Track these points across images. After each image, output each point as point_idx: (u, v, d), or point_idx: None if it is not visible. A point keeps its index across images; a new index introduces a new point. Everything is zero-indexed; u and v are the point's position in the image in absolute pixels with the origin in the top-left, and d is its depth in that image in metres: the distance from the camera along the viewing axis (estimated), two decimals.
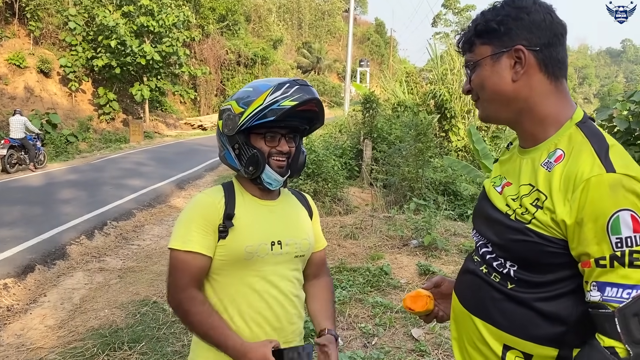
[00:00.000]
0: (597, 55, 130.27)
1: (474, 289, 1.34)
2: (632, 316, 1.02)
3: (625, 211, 1.05)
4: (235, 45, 32.92)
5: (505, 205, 1.27)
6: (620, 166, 1.10)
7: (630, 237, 1.04)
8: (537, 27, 1.22)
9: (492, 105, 1.31)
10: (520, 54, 1.22)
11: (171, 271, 1.60)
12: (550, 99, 1.25)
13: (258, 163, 1.60)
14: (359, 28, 59.47)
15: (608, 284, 1.06)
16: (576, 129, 1.22)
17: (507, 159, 1.41)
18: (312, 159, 9.91)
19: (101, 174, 12.99)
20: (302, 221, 1.79)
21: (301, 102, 1.55)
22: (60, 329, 4.42)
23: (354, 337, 4.08)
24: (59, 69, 21.83)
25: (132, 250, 7.00)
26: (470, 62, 1.32)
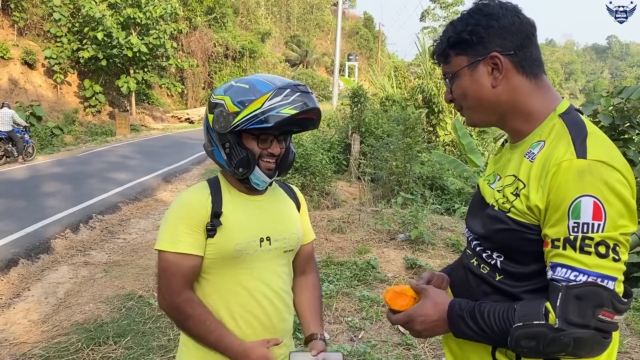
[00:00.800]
0: (583, 51, 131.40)
1: (465, 282, 1.37)
2: (573, 297, 1.06)
3: (588, 197, 1.08)
4: (223, 38, 32.68)
5: (492, 197, 1.30)
6: (595, 153, 1.12)
7: (587, 223, 1.07)
8: (508, 32, 1.24)
9: (476, 112, 1.34)
10: (496, 60, 1.25)
11: (162, 274, 1.54)
12: (533, 97, 1.28)
13: (249, 165, 1.55)
14: (347, 22, 59.35)
15: (559, 264, 1.11)
16: (559, 120, 1.24)
17: (500, 156, 1.44)
18: (300, 153, 9.89)
19: (87, 167, 12.86)
20: (291, 215, 1.77)
21: (302, 112, 1.50)
22: (44, 324, 4.37)
23: (340, 331, 4.09)
24: (44, 61, 21.55)
25: (118, 244, 6.94)
26: (448, 74, 1.34)
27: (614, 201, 1.08)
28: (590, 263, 1.07)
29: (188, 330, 1.55)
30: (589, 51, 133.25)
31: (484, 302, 1.22)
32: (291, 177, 9.49)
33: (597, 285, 1.06)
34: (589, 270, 1.07)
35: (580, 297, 1.05)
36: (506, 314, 1.15)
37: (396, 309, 1.38)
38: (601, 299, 1.05)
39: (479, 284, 1.31)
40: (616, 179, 1.10)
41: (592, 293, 1.06)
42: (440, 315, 1.27)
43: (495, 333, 1.16)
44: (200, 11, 31.01)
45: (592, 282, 1.06)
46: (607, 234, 1.07)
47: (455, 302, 1.27)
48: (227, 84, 1.62)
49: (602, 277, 1.06)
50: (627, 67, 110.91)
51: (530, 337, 1.10)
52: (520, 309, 1.13)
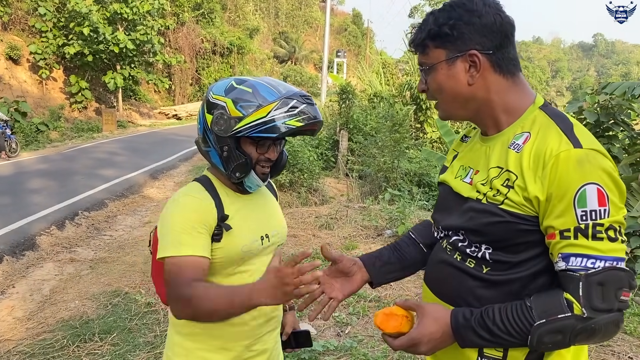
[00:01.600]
0: (569, 49, 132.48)
1: (448, 278, 1.35)
2: (596, 284, 1.08)
3: (591, 185, 1.10)
4: (211, 34, 32.50)
5: (476, 191, 1.28)
6: (586, 142, 1.15)
7: (595, 210, 1.10)
8: (489, 31, 1.24)
9: (450, 106, 1.34)
10: (475, 58, 1.25)
11: (173, 282, 1.44)
12: (509, 94, 1.29)
13: (246, 170, 1.54)
14: (336, 18, 59.31)
15: (572, 254, 1.11)
16: (540, 112, 1.26)
17: (468, 150, 1.43)
18: (288, 150, 9.87)
19: (73, 164, 12.74)
20: (277, 209, 1.81)
21: (307, 124, 1.49)
22: (29, 321, 4.34)
23: (327, 327, 4.10)
24: (29, 56, 21.31)
25: (104, 241, 6.90)
26: (425, 65, 1.33)
27: (612, 186, 1.12)
28: (604, 248, 1.09)
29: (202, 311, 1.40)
30: (576, 49, 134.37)
31: (489, 306, 1.20)
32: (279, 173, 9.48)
33: (615, 268, 1.09)
34: (605, 256, 1.09)
35: (603, 283, 1.08)
36: (522, 314, 1.14)
37: (390, 331, 1.30)
38: (621, 281, 1.09)
39: (463, 279, 1.30)
40: (609, 165, 1.14)
41: (613, 277, 1.08)
42: (444, 331, 1.23)
43: (513, 336, 1.15)
44: (187, 7, 30.80)
45: (611, 267, 1.09)
46: (613, 218, 1.10)
47: (458, 313, 1.24)
48: (225, 83, 1.58)
49: (616, 260, 1.09)
50: (613, 64, 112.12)
51: (556, 331, 1.10)
52: (537, 305, 1.13)
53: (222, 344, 1.60)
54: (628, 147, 7.84)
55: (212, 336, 1.59)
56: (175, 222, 1.49)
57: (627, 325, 3.96)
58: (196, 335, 1.60)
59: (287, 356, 3.45)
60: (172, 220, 1.50)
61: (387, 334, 1.31)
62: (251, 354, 1.65)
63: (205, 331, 1.59)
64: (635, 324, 3.99)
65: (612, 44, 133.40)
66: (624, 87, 6.92)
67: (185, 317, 1.48)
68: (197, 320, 1.52)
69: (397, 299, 4.59)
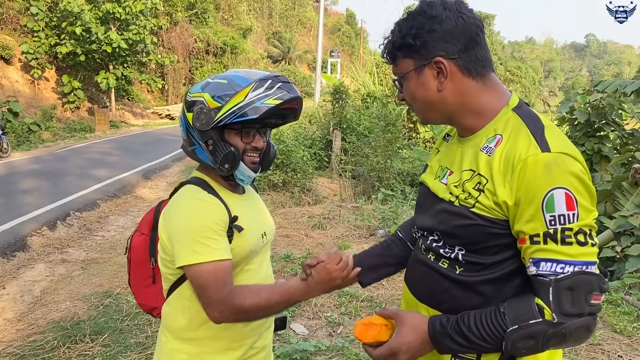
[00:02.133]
0: (562, 49, 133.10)
1: (423, 277, 1.36)
2: (565, 289, 1.09)
3: (559, 189, 1.10)
4: (204, 34, 32.42)
5: (449, 193, 1.29)
6: (556, 145, 1.14)
7: (564, 214, 1.10)
8: (451, 35, 1.24)
9: (426, 112, 1.35)
10: (441, 65, 1.25)
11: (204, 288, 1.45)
12: (482, 96, 1.28)
13: (234, 160, 1.53)
14: (329, 19, 59.29)
15: (542, 259, 1.11)
16: (513, 114, 1.26)
17: (447, 151, 1.43)
18: (281, 150, 9.88)
19: (65, 164, 12.68)
20: (265, 207, 1.83)
21: (285, 101, 1.50)
22: (19, 322, 4.31)
23: (319, 327, 4.10)
24: (21, 56, 21.17)
25: (96, 242, 6.87)
26: (397, 76, 1.35)
27: (581, 189, 1.12)
28: (574, 253, 1.09)
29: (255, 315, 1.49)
30: (568, 49, 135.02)
31: (464, 313, 1.21)
32: (272, 173, 9.49)
33: (585, 272, 1.09)
34: (574, 260, 1.09)
35: (572, 288, 1.08)
36: (496, 320, 1.14)
37: (368, 341, 1.31)
38: (591, 285, 1.09)
39: (437, 279, 1.31)
40: (579, 168, 1.13)
41: (582, 281, 1.09)
42: (423, 338, 1.24)
43: (487, 342, 1.15)
44: (181, 6, 30.70)
45: (580, 271, 1.09)
46: (582, 222, 1.10)
47: (435, 320, 1.24)
48: (202, 81, 1.60)
49: (586, 264, 1.09)
50: (605, 65, 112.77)
51: (529, 337, 1.10)
52: (510, 311, 1.14)
53: (227, 345, 1.59)
54: (619, 146, 7.89)
55: (217, 339, 1.58)
56: (194, 227, 1.46)
57: (617, 324, 3.98)
58: (199, 339, 1.58)
59: (279, 355, 3.45)
60: (190, 226, 1.47)
61: (367, 344, 1.31)
62: (254, 351, 1.65)
63: (208, 334, 1.57)
64: (625, 323, 4.01)
65: (604, 44, 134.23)
66: (615, 85, 6.99)
67: (232, 322, 1.50)
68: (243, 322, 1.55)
69: (389, 298, 4.59)
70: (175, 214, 1.52)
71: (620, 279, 4.99)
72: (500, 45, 66.64)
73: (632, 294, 4.61)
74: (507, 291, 1.21)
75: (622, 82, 7.01)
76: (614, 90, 6.96)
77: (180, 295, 1.58)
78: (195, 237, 1.45)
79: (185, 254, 1.45)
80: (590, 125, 7.51)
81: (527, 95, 48.59)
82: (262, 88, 1.48)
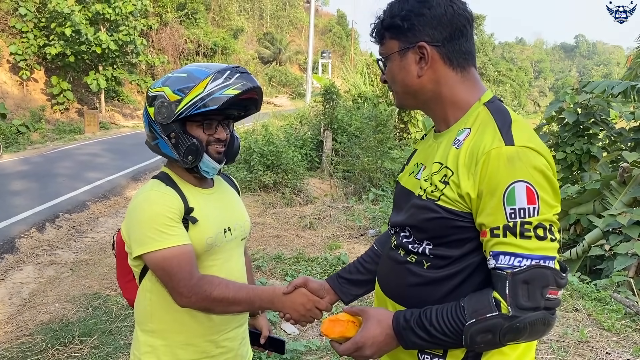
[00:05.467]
0: (552, 50, 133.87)
1: (391, 273, 1.37)
2: (521, 283, 1.09)
3: (521, 182, 1.10)
4: (195, 35, 32.32)
5: (419, 188, 1.29)
6: (521, 139, 1.14)
7: (524, 208, 1.10)
8: (439, 22, 1.24)
9: (402, 96, 1.36)
10: (424, 51, 1.25)
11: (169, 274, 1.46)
12: (458, 88, 1.29)
13: (197, 152, 1.54)
14: (320, 19, 59.29)
15: (501, 252, 1.12)
16: (483, 108, 1.26)
17: (423, 148, 1.44)
18: (272, 150, 9.87)
19: (54, 166, 12.58)
20: (239, 203, 1.83)
21: (244, 91, 1.52)
22: (7, 325, 4.28)
23: (309, 327, 4.09)
24: (9, 57, 20.96)
25: (86, 243, 6.83)
26: (382, 55, 1.35)
27: (544, 184, 1.12)
28: (532, 247, 1.09)
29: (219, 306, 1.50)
30: (558, 50, 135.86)
31: (428, 308, 1.21)
32: (263, 174, 9.47)
33: (541, 266, 1.09)
34: (531, 254, 1.09)
35: (528, 281, 1.08)
36: (456, 314, 1.15)
37: (335, 337, 1.30)
38: (547, 279, 1.09)
39: (405, 275, 1.31)
40: (543, 163, 1.13)
41: (537, 275, 1.09)
42: (387, 333, 1.24)
43: (448, 336, 1.15)
44: (171, 7, 30.58)
45: (536, 265, 1.09)
46: (543, 216, 1.10)
47: (399, 315, 1.24)
48: (163, 77, 1.63)
49: (543, 258, 1.09)
50: (594, 65, 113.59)
51: (486, 330, 1.11)
52: (469, 305, 1.14)
53: (186, 339, 1.59)
54: (607, 146, 7.96)
55: (175, 332, 1.59)
56: (151, 216, 1.48)
57: (605, 322, 4.01)
58: (160, 331, 1.59)
59: (271, 357, 3.44)
60: (147, 215, 1.49)
61: (334, 340, 1.32)
62: (219, 350, 1.65)
63: (168, 327, 1.59)
64: (614, 320, 4.04)
65: (594, 45, 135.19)
66: (603, 86, 7.04)
67: (195, 308, 1.51)
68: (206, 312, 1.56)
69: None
70: (131, 206, 1.56)
71: (609, 277, 5.04)
72: (490, 46, 66.92)
73: (620, 291, 4.65)
74: (471, 287, 1.21)
75: (609, 83, 7.07)
76: (602, 90, 7.01)
77: (142, 287, 1.61)
78: (150, 225, 1.47)
79: (142, 243, 1.48)
80: (579, 125, 7.57)
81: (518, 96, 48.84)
82: (221, 79, 1.50)
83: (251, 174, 9.60)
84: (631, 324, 4.02)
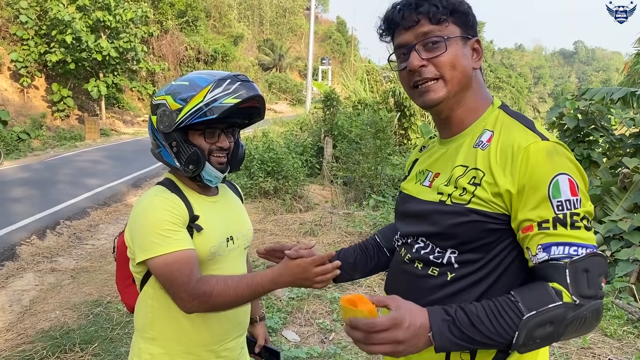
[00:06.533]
0: (551, 56, 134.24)
1: (410, 291, 1.26)
2: (582, 271, 1.06)
3: (563, 175, 1.11)
4: (195, 42, 32.43)
5: (438, 194, 1.26)
6: (551, 136, 1.17)
7: (569, 199, 1.10)
8: (475, 22, 1.28)
9: (456, 86, 1.24)
10: (477, 46, 1.27)
11: (170, 280, 1.44)
12: (481, 91, 1.31)
13: (198, 161, 1.53)
14: (320, 26, 59.48)
15: (553, 243, 1.09)
16: (500, 111, 1.28)
17: (427, 157, 1.41)
18: (272, 157, 9.88)
19: (55, 173, 12.58)
20: (243, 212, 1.82)
21: (244, 100, 1.50)
22: (7, 332, 4.27)
23: (311, 333, 4.09)
24: (10, 64, 21.03)
25: (86, 250, 6.82)
26: (439, 36, 1.21)
27: (579, 177, 1.14)
28: (584, 236, 1.09)
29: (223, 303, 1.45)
30: (557, 56, 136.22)
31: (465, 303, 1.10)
32: (264, 180, 9.48)
33: (597, 254, 1.08)
34: (586, 243, 1.08)
35: (588, 269, 1.06)
36: (509, 308, 1.05)
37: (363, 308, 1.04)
38: (603, 267, 1.08)
39: (427, 290, 1.24)
40: (574, 157, 1.16)
41: (597, 263, 1.07)
42: (423, 322, 1.06)
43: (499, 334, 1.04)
44: (171, 14, 30.70)
45: (593, 253, 1.07)
46: (585, 208, 1.11)
47: (435, 307, 1.10)
48: (167, 85, 1.62)
49: (594, 247, 1.09)
50: (593, 71, 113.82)
51: (548, 322, 1.03)
52: (523, 298, 1.05)
53: (186, 348, 1.59)
54: (608, 151, 7.95)
55: (175, 340, 1.58)
56: (154, 222, 1.47)
57: (608, 328, 4.00)
58: (160, 339, 1.59)
59: None
60: (150, 220, 1.48)
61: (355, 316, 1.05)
62: None
63: (169, 335, 1.58)
64: (616, 326, 4.03)
65: (593, 51, 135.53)
66: (602, 93, 7.03)
67: (201, 311, 1.47)
68: (212, 312, 1.52)
69: None
70: (135, 212, 1.54)
71: (610, 283, 5.03)
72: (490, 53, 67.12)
73: (622, 297, 4.64)
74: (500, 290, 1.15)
75: (609, 89, 7.06)
76: (601, 97, 7.01)
77: (144, 294, 1.60)
78: (154, 231, 1.46)
79: (145, 249, 1.46)
80: (579, 130, 7.57)
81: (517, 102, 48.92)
82: (220, 87, 1.49)
83: (252, 181, 9.60)
84: (633, 330, 4.01)
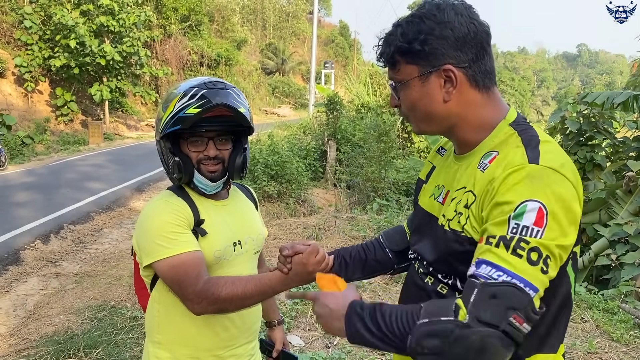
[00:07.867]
0: (554, 59, 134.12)
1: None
2: (489, 296, 1.00)
3: (534, 202, 1.03)
4: (198, 46, 32.50)
5: (442, 215, 1.24)
6: (547, 159, 1.09)
7: (528, 227, 1.02)
8: (463, 43, 1.16)
9: (423, 123, 1.26)
10: (450, 74, 1.17)
11: (178, 282, 1.43)
12: (484, 110, 1.22)
13: (181, 170, 1.52)
14: (323, 30, 59.59)
15: (485, 261, 1.04)
16: (509, 129, 1.20)
17: (443, 167, 1.37)
18: (275, 160, 9.88)
19: (59, 177, 12.61)
20: (254, 216, 1.81)
21: (205, 109, 1.45)
22: (12, 337, 4.26)
23: (315, 338, 4.07)
24: (14, 69, 21.10)
25: (90, 254, 6.82)
26: (396, 81, 1.24)
27: (558, 210, 1.04)
28: (518, 266, 1.01)
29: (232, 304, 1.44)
30: (560, 59, 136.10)
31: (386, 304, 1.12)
32: (267, 184, 9.47)
33: (517, 287, 1.00)
34: (514, 273, 1.01)
35: (496, 296, 0.99)
36: (411, 314, 1.06)
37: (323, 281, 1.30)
38: (516, 301, 0.99)
39: None
40: (565, 187, 1.07)
41: (508, 293, 0.99)
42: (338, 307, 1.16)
43: (395, 335, 1.06)
44: (175, 19, 30.78)
45: (513, 284, 1.00)
46: (544, 241, 1.02)
47: (358, 301, 1.16)
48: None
49: (524, 282, 1.00)
50: (597, 74, 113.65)
51: (434, 334, 1.01)
52: (429, 307, 1.06)
53: (191, 353, 1.58)
54: (611, 155, 7.94)
55: (181, 344, 1.58)
56: (159, 225, 1.47)
57: (614, 332, 3.98)
58: (166, 343, 1.59)
59: None
60: (155, 224, 1.48)
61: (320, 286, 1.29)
62: None
63: (174, 339, 1.58)
64: (622, 331, 4.01)
65: (596, 54, 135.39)
66: (603, 97, 7.01)
67: (210, 312, 1.46)
68: (222, 313, 1.52)
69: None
70: (141, 216, 1.54)
71: (616, 286, 5.00)
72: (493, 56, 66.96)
73: (628, 301, 4.61)
74: None
75: (610, 94, 7.04)
76: (602, 101, 6.99)
77: (152, 298, 1.61)
78: (159, 234, 1.46)
79: (151, 252, 1.46)
80: (582, 134, 7.56)
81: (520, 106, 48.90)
82: (186, 97, 1.47)
83: (255, 184, 9.60)
84: None
